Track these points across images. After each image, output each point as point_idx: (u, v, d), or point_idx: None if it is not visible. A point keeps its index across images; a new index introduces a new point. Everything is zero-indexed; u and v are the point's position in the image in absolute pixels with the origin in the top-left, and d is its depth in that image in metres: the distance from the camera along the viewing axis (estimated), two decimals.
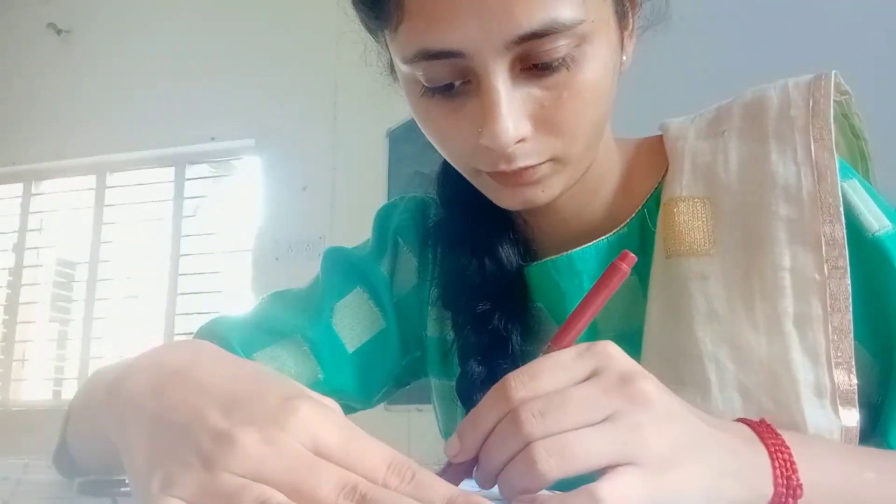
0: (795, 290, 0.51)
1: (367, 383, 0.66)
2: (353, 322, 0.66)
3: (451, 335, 0.65)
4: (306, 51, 3.09)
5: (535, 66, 0.48)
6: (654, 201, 0.60)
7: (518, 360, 0.60)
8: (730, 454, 0.37)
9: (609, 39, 0.51)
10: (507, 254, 0.62)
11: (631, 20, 0.54)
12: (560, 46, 0.47)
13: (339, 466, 0.31)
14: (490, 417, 0.36)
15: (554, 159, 0.52)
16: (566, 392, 0.35)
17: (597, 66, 0.50)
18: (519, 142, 0.50)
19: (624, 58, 0.55)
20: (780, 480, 0.37)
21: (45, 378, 3.48)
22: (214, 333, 0.63)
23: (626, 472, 0.33)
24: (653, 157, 0.62)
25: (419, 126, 0.57)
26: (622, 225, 0.60)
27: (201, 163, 3.41)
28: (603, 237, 0.59)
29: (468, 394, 0.61)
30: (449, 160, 0.57)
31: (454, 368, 0.64)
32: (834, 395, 0.49)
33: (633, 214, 0.60)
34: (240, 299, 3.16)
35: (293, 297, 0.68)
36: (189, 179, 3.39)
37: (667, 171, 0.60)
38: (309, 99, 3.07)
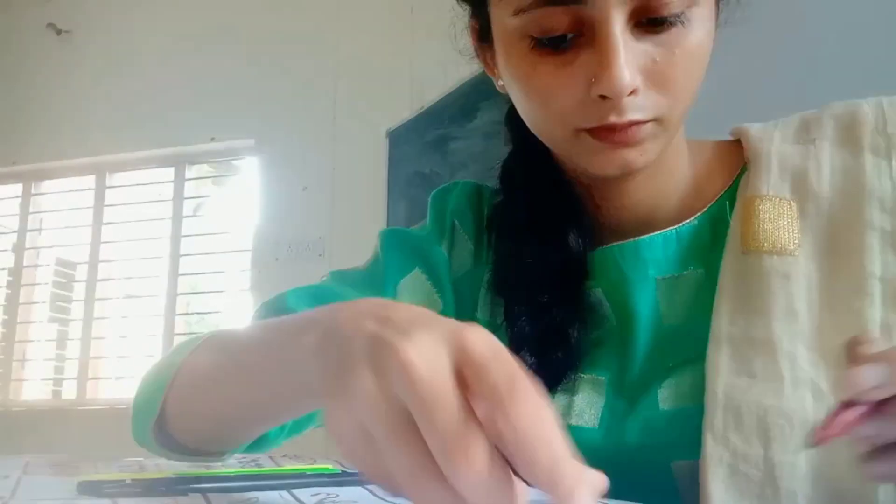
0: (884, 299, 0.52)
1: None
2: (414, 303, 0.66)
3: (500, 320, 0.64)
4: (306, 51, 3.09)
5: (650, 21, 0.50)
6: (731, 197, 0.60)
7: (573, 350, 0.60)
8: None
9: (710, 9, 0.53)
10: (575, 239, 0.62)
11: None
12: (676, 2, 0.49)
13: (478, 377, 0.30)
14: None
15: (657, 119, 0.53)
16: None
17: (704, 29, 0.52)
18: (632, 93, 0.50)
19: (714, 32, 0.57)
20: None
21: (45, 378, 3.48)
22: (282, 308, 0.63)
23: None
24: (727, 157, 0.63)
25: (517, 88, 0.56)
26: (692, 217, 0.60)
27: (201, 163, 3.41)
28: (671, 227, 0.60)
29: None
30: (545, 123, 0.56)
31: None
32: None
33: (706, 208, 0.60)
34: (240, 299, 3.16)
35: (356, 277, 0.68)
36: (189, 179, 3.39)
37: (743, 170, 0.61)
38: (309, 99, 3.07)
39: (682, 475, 0.53)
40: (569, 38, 0.51)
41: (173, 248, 3.31)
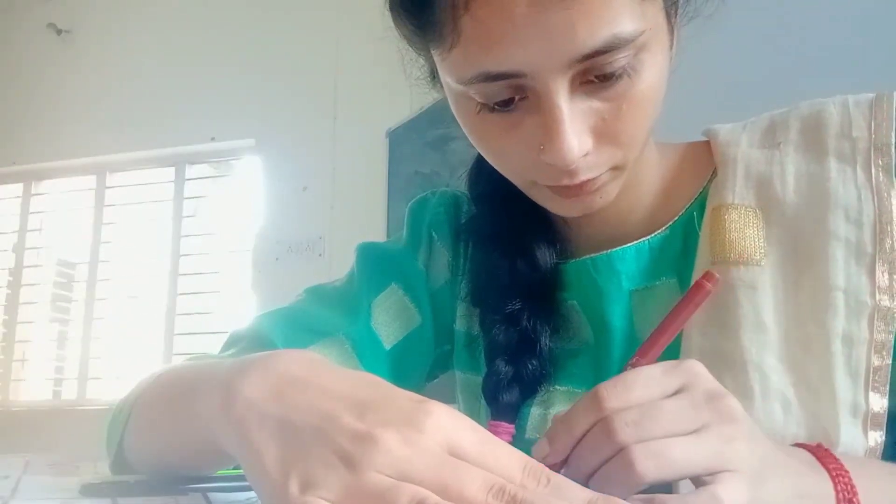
0: (847, 311, 0.51)
1: (402, 379, 0.66)
2: (390, 319, 0.66)
3: (477, 330, 0.65)
4: (306, 51, 3.09)
5: (595, 78, 0.48)
6: (699, 205, 0.59)
7: (546, 359, 0.60)
8: (798, 476, 0.39)
9: (662, 43, 0.50)
10: (544, 253, 0.62)
11: (676, 16, 0.54)
12: (620, 59, 0.47)
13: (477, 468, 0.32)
14: (582, 424, 0.38)
15: (613, 168, 0.52)
16: (658, 403, 0.37)
17: (654, 72, 0.49)
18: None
19: (671, 53, 0.55)
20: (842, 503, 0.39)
21: (45, 378, 3.48)
22: (257, 332, 0.63)
23: (733, 478, 0.35)
24: (697, 161, 0.62)
25: (473, 142, 0.56)
26: (664, 227, 0.60)
27: (201, 163, 3.41)
28: (644, 238, 0.59)
29: (494, 393, 0.60)
30: (504, 174, 0.56)
31: (479, 363, 0.64)
32: (867, 416, 0.50)
33: (677, 217, 0.60)
34: (240, 299, 3.16)
35: (331, 295, 0.68)
36: (189, 179, 3.39)
37: (713, 176, 0.60)
38: (309, 99, 3.07)
39: (657, 490, 0.53)
40: (515, 101, 0.50)
41: (173, 248, 3.30)
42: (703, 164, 0.61)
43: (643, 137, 0.52)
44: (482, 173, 0.66)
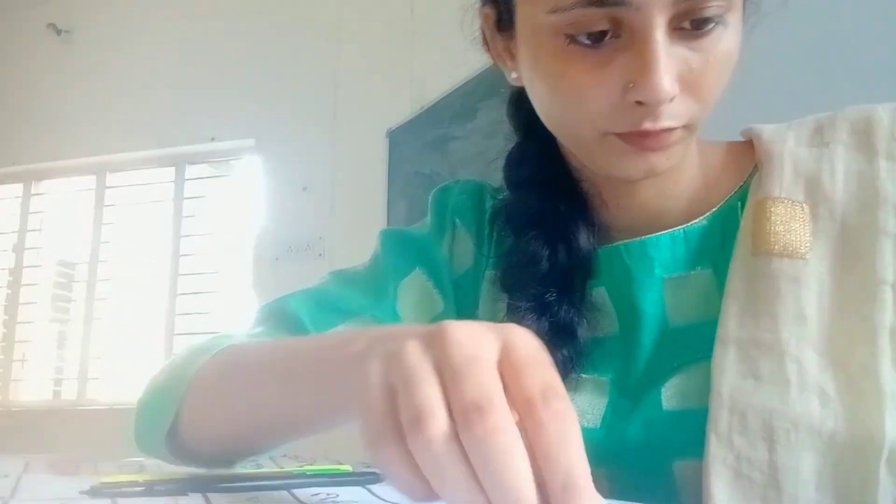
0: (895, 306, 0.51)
1: None
2: (414, 303, 0.66)
3: (501, 317, 0.63)
4: (306, 51, 3.09)
5: (689, 25, 0.49)
6: (741, 198, 0.59)
7: (579, 349, 0.59)
8: None
9: (740, 15, 0.52)
10: (585, 235, 0.61)
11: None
12: (718, 5, 0.48)
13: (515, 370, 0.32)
14: None
15: (687, 125, 0.52)
16: None
17: (736, 33, 0.51)
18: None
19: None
20: None
21: (45, 378, 3.48)
22: (284, 312, 0.63)
23: None
24: (738, 158, 0.62)
25: (543, 86, 0.55)
26: (701, 217, 0.60)
27: (201, 163, 3.41)
28: (680, 227, 0.59)
29: None
30: (571, 125, 0.55)
31: None
32: None
33: (716, 208, 0.60)
34: (240, 299, 3.16)
35: (356, 277, 0.68)
36: (189, 179, 3.39)
37: (754, 171, 0.60)
38: (309, 99, 3.07)
39: (683, 476, 0.53)
40: (606, 38, 0.50)
41: (173, 248, 3.31)
42: (744, 160, 0.62)
43: (716, 98, 0.53)
44: (524, 158, 0.66)
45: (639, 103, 0.50)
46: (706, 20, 0.49)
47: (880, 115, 0.58)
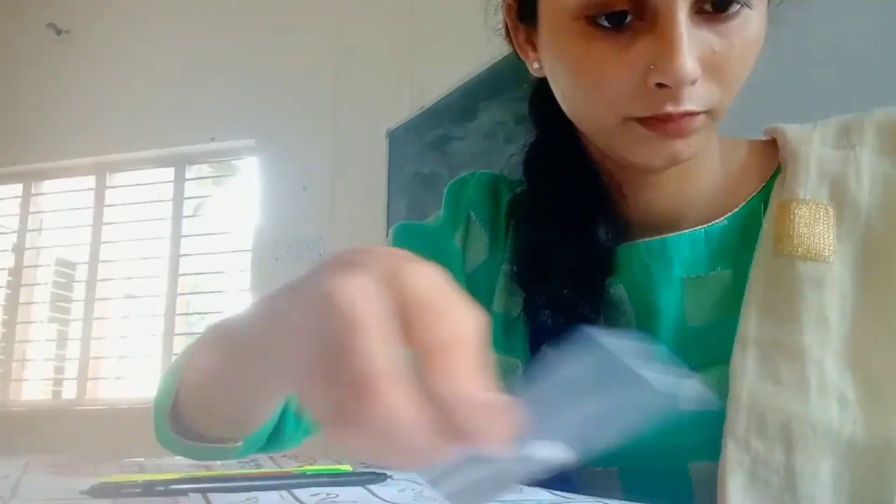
0: None
1: None
2: None
3: (517, 312, 0.63)
4: (306, 51, 3.09)
5: (711, 9, 0.48)
6: (763, 198, 0.59)
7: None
8: None
9: (765, 6, 0.52)
10: (605, 231, 0.60)
11: None
12: None
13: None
14: None
15: (709, 111, 0.51)
16: None
17: (761, 17, 0.50)
18: (691, 83, 0.49)
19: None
20: None
21: (45, 378, 3.48)
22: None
23: None
24: (761, 157, 0.61)
25: (564, 72, 0.54)
26: (722, 217, 0.59)
27: (201, 163, 3.41)
28: (700, 227, 0.58)
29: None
30: (593, 111, 0.54)
31: (517, 346, 0.63)
32: None
33: (738, 208, 0.59)
34: (240, 299, 3.16)
35: None
36: (189, 179, 3.39)
37: (777, 172, 0.59)
38: (309, 99, 3.07)
39: (699, 477, 0.53)
40: (628, 20, 0.49)
41: (173, 248, 3.31)
42: (767, 160, 0.61)
43: (739, 86, 0.52)
44: (544, 152, 0.65)
45: (660, 86, 0.49)
46: (730, 2, 0.48)
47: None
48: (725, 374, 0.52)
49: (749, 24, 0.49)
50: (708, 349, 0.55)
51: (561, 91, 0.56)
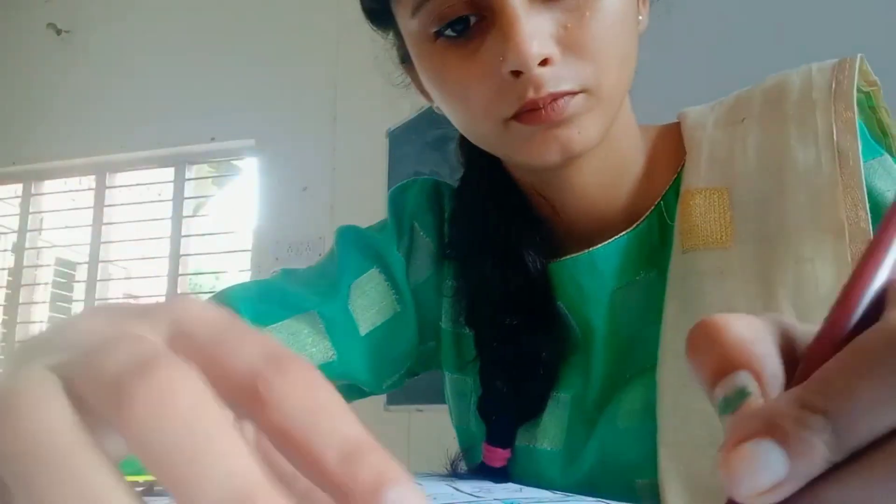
0: (820, 282, 0.49)
1: (378, 368, 0.63)
2: (368, 304, 0.62)
3: (465, 330, 0.63)
4: (306, 51, 3.09)
5: None
6: (674, 193, 0.57)
7: (549, 373, 0.57)
8: None
9: None
10: (532, 256, 0.59)
11: None
12: None
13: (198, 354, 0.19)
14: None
15: (586, 91, 0.49)
16: None
17: None
18: (545, 63, 0.47)
19: (640, 17, 0.54)
20: None
21: None
22: (222, 304, 0.57)
23: None
24: (673, 146, 0.60)
25: (437, 93, 0.54)
26: (642, 219, 0.57)
27: (201, 163, 3.41)
28: (623, 233, 0.57)
29: (491, 414, 0.58)
30: (472, 121, 0.53)
31: (468, 365, 0.62)
32: None
33: (652, 208, 0.57)
34: None
35: (307, 274, 0.65)
36: (189, 179, 3.39)
37: (685, 161, 0.58)
38: (309, 99, 3.07)
39: (645, 494, 0.51)
40: (471, 24, 0.49)
41: (173, 248, 3.30)
42: (679, 148, 0.59)
43: (614, 60, 0.50)
44: (468, 187, 0.65)
45: (515, 74, 0.48)
46: None
47: (793, 79, 0.55)
48: (654, 385, 0.51)
49: None
50: (640, 358, 0.54)
51: (450, 117, 0.56)
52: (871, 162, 0.51)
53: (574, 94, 0.49)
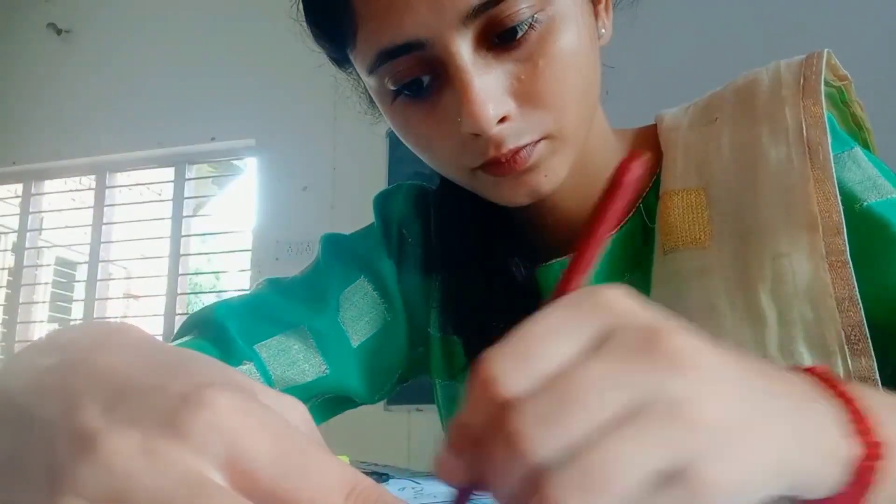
0: (798, 276, 0.49)
1: (371, 378, 0.63)
2: (357, 315, 0.62)
3: (455, 337, 0.63)
4: (306, 51, 3.08)
5: (501, 40, 0.46)
6: (654, 195, 0.57)
7: None
8: (796, 414, 0.27)
9: (579, 5, 0.49)
10: (518, 263, 0.59)
11: None
12: (522, 10, 0.45)
13: (265, 492, 0.22)
14: (478, 424, 0.25)
15: (548, 137, 0.49)
16: (571, 378, 0.24)
17: (568, 28, 0.47)
18: (503, 121, 0.47)
19: (602, 30, 0.53)
20: (858, 438, 0.28)
21: None
22: (208, 322, 0.57)
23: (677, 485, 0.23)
24: (650, 148, 0.60)
25: (403, 140, 0.54)
26: (623, 221, 0.58)
27: (202, 163, 3.41)
28: (609, 234, 0.57)
29: None
30: (440, 168, 0.54)
31: (457, 370, 0.62)
32: (848, 377, 0.47)
33: (634, 210, 0.58)
34: None
35: (294, 285, 0.64)
36: (189, 179, 3.39)
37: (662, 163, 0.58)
38: (309, 99, 3.06)
39: None
40: (426, 83, 0.48)
41: (173, 248, 3.30)
42: (655, 150, 0.59)
43: (573, 101, 0.49)
44: (445, 197, 0.64)
45: (475, 135, 0.47)
46: (513, 30, 0.46)
47: (762, 77, 0.55)
48: None
49: (549, 39, 0.47)
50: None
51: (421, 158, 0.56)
52: (841, 155, 0.52)
53: (536, 142, 0.49)
